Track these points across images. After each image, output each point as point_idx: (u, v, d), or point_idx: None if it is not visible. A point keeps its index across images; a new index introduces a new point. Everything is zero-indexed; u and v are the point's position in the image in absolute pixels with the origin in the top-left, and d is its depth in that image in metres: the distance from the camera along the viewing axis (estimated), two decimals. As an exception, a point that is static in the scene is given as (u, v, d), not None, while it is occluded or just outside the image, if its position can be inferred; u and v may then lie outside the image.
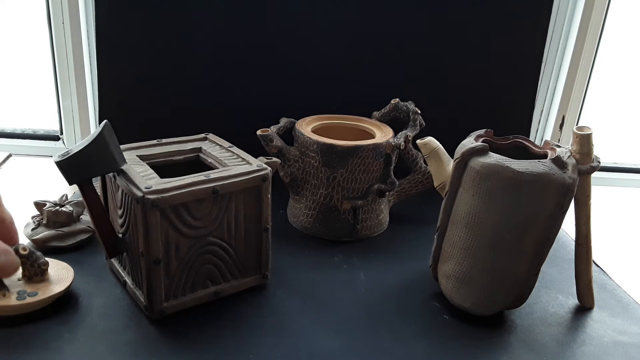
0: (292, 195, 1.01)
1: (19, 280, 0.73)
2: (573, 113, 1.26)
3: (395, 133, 0.97)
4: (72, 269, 0.77)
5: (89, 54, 1.18)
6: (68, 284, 0.74)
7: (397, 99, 1.00)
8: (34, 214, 0.89)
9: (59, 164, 0.66)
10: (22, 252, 0.72)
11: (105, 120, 0.68)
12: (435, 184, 0.82)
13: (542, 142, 0.76)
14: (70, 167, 0.66)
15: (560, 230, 0.80)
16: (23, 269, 0.73)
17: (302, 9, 1.10)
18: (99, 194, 0.71)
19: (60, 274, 0.75)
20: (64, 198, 0.90)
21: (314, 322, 0.74)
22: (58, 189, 1.06)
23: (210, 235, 0.73)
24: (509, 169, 0.68)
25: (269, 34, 1.12)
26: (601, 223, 1.12)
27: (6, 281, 0.72)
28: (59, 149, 1.26)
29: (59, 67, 1.18)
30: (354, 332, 0.73)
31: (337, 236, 0.96)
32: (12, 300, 0.69)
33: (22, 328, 0.69)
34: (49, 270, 0.74)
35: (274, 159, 0.80)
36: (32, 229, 0.86)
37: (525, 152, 0.76)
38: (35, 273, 0.73)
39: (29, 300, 0.69)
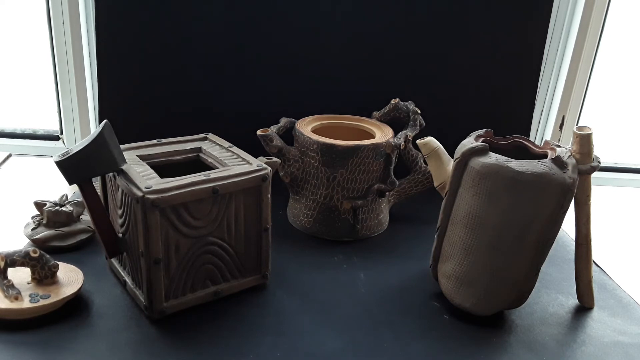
0: (292, 195, 1.01)
1: (28, 283, 0.73)
2: (573, 113, 1.26)
3: (395, 133, 0.97)
4: (80, 271, 0.77)
5: (89, 54, 1.18)
6: (79, 285, 0.73)
7: (397, 99, 1.00)
8: (34, 214, 0.89)
9: (59, 163, 0.66)
10: (32, 254, 0.71)
11: (105, 120, 0.69)
12: (435, 184, 0.82)
13: (542, 142, 0.76)
14: (70, 167, 0.66)
15: (560, 230, 0.80)
16: (33, 272, 0.72)
17: (302, 10, 1.10)
18: (99, 194, 0.71)
19: (69, 276, 0.75)
20: (64, 198, 0.90)
21: (314, 322, 0.74)
22: (58, 189, 1.06)
23: (210, 235, 0.73)
24: (509, 169, 0.68)
25: (269, 34, 1.12)
26: (601, 223, 1.12)
27: (15, 284, 0.71)
28: (59, 149, 1.26)
29: (59, 67, 1.18)
30: (354, 332, 0.73)
31: (337, 236, 0.96)
32: (26, 303, 0.69)
33: (22, 328, 0.69)
34: (57, 272, 0.74)
35: (274, 159, 0.80)
36: (32, 229, 0.86)
37: (525, 152, 0.76)
38: (46, 275, 0.73)
39: (42, 302, 0.69)
